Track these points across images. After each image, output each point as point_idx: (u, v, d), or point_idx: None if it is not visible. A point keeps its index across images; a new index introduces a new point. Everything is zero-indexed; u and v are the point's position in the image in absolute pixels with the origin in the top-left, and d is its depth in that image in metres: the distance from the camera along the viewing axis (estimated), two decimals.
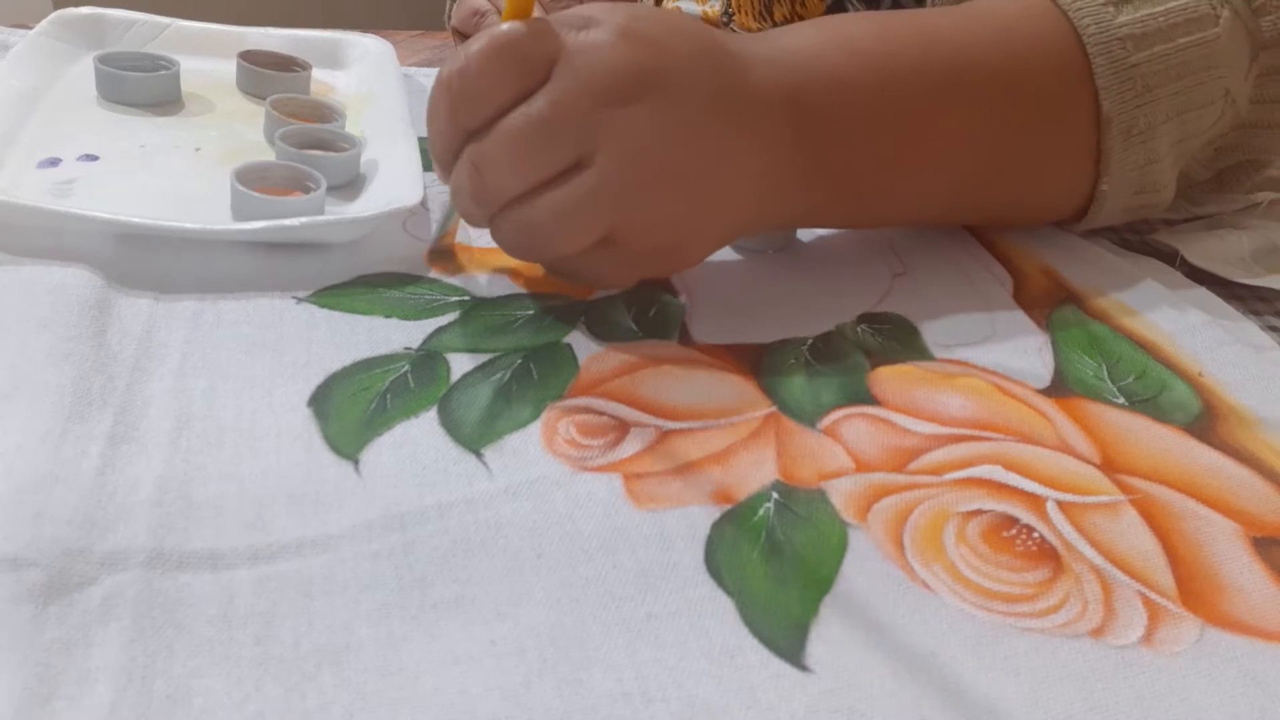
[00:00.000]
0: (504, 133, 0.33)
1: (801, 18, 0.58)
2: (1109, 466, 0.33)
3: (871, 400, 0.35)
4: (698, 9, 0.81)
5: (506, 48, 0.33)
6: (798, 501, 0.30)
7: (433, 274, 0.40)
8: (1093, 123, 0.40)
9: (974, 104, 0.39)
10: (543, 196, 0.34)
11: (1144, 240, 0.47)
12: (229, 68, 0.53)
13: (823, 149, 0.37)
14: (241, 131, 0.49)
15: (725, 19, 0.74)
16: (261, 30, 0.58)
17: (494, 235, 0.36)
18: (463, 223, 0.43)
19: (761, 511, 0.30)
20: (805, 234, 0.46)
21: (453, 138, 0.35)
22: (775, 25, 0.71)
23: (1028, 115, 0.40)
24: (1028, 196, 0.44)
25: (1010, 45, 0.39)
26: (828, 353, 0.38)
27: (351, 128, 0.49)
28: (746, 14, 0.73)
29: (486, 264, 0.41)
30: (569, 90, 0.32)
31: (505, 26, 0.33)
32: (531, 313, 0.38)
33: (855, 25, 0.39)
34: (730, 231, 0.39)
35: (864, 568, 0.28)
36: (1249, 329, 0.41)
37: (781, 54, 0.37)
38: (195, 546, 0.27)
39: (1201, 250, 0.45)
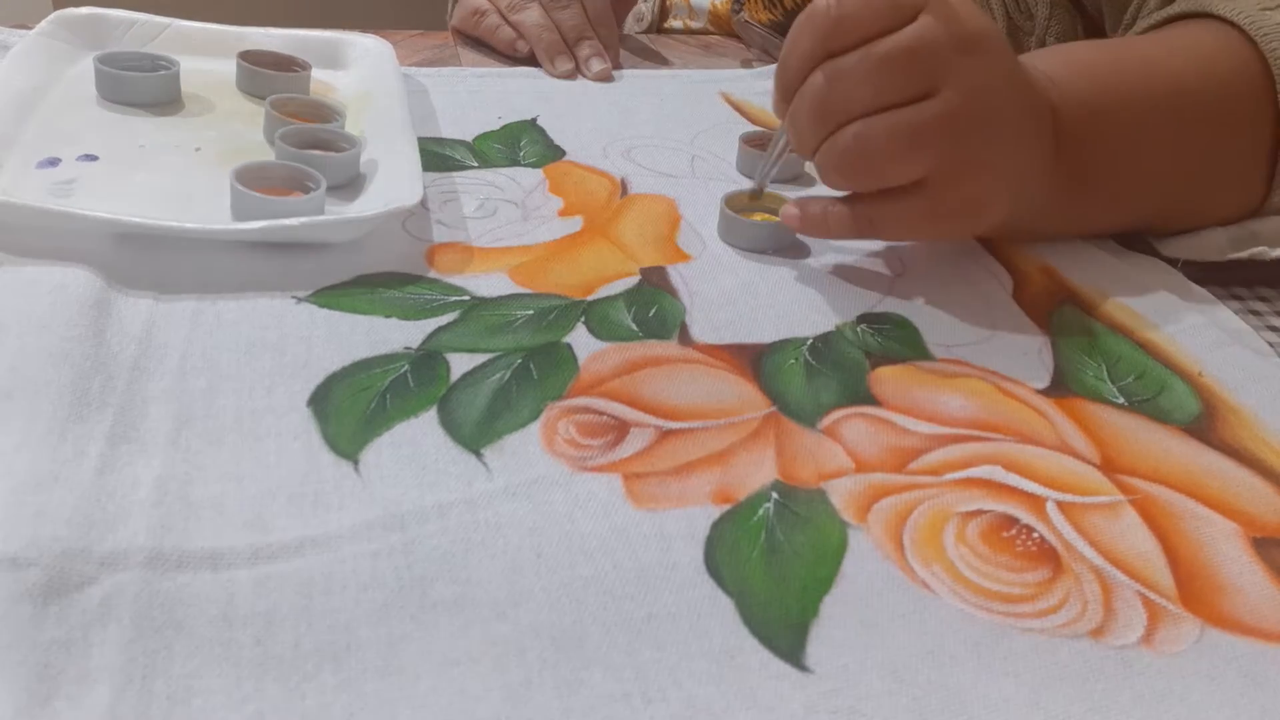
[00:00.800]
0: (869, 54, 0.37)
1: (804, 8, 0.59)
2: (1109, 466, 0.33)
3: (871, 400, 0.35)
4: (706, 2, 0.81)
5: None
6: (797, 501, 0.30)
7: (432, 274, 0.40)
8: (1273, 141, 0.45)
9: (1183, 122, 0.44)
10: (886, 115, 0.38)
11: (1143, 240, 0.47)
12: (229, 68, 0.53)
13: (1064, 152, 0.42)
14: (241, 131, 0.49)
15: (736, 7, 0.74)
16: (261, 30, 0.58)
17: (822, 157, 0.40)
18: (471, 227, 0.43)
19: (761, 511, 0.30)
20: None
21: (814, 57, 0.39)
22: (786, 12, 0.71)
23: (1224, 133, 0.45)
24: (1210, 208, 0.47)
25: (1215, 73, 0.45)
26: (828, 353, 0.38)
27: (351, 128, 0.49)
28: (756, 4, 0.73)
29: (487, 264, 0.41)
30: (935, 31, 0.37)
31: None
32: (531, 313, 0.38)
33: (1090, 52, 0.46)
34: (1015, 193, 0.41)
35: (864, 568, 0.28)
36: (1248, 329, 0.41)
37: (1035, 71, 0.42)
38: (195, 546, 0.27)
39: (1178, 244, 0.45)
